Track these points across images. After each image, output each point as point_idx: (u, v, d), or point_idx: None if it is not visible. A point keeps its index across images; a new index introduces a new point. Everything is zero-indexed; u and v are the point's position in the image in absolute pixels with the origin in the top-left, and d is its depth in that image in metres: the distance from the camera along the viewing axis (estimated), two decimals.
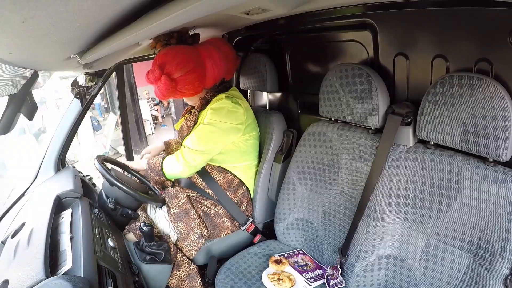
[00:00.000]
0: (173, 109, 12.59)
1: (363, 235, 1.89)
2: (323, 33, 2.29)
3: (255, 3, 1.68)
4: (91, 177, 2.94)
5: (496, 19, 1.42)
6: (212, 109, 2.32)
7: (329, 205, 2.18)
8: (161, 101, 13.96)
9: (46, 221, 1.71)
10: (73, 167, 2.81)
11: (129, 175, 2.54)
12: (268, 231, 2.86)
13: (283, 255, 2.28)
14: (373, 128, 1.95)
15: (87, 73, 2.58)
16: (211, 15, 1.84)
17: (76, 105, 2.66)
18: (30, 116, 2.01)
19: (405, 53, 1.83)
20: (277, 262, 2.18)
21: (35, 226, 1.70)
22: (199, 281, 2.28)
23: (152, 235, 2.05)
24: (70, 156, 3.02)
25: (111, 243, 1.84)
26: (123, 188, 2.11)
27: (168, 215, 2.34)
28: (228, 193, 2.54)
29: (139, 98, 10.79)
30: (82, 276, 1.36)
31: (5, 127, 1.90)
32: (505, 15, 1.37)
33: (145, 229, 1.99)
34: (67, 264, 1.45)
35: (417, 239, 1.76)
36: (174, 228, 2.30)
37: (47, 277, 1.30)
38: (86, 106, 2.70)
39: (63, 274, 1.40)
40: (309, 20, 2.15)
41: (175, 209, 2.33)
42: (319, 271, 2.17)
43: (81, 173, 2.79)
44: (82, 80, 2.63)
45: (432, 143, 1.69)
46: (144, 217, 2.39)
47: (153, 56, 2.26)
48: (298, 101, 2.75)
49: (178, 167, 2.33)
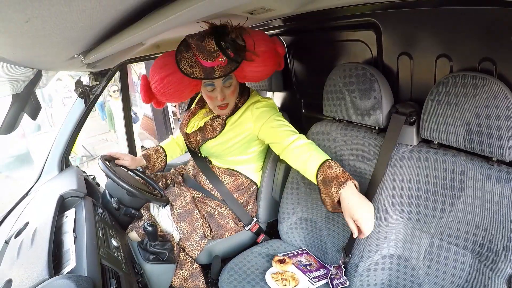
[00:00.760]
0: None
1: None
2: (327, 32, 2.29)
3: (259, 2, 1.67)
4: (94, 176, 2.94)
5: (500, 18, 1.41)
6: (264, 106, 2.27)
7: None
8: None
9: (50, 220, 1.72)
10: (77, 166, 2.81)
11: (133, 174, 2.54)
12: (271, 231, 2.86)
13: (287, 254, 2.28)
14: (376, 128, 1.95)
15: (90, 73, 2.59)
16: (214, 15, 1.84)
17: (80, 104, 2.66)
18: (34, 116, 2.01)
19: (409, 52, 1.82)
20: (281, 261, 2.18)
21: (38, 226, 1.71)
22: (202, 280, 2.28)
23: (156, 234, 2.05)
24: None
25: (114, 242, 1.84)
26: (127, 187, 2.11)
27: (172, 214, 2.33)
28: (235, 195, 2.53)
29: None
30: (86, 275, 1.37)
31: (9, 126, 1.91)
32: (509, 15, 1.37)
33: (148, 228, 1.99)
34: (70, 264, 1.45)
35: (421, 238, 1.76)
36: (177, 228, 2.30)
37: (50, 276, 1.31)
38: (90, 106, 2.70)
39: (66, 273, 1.40)
40: (313, 20, 2.15)
41: (178, 208, 2.33)
42: (322, 271, 2.17)
43: (85, 172, 2.79)
44: (85, 79, 2.63)
45: (436, 142, 1.69)
46: (148, 216, 2.39)
47: (157, 55, 2.24)
48: (302, 100, 2.75)
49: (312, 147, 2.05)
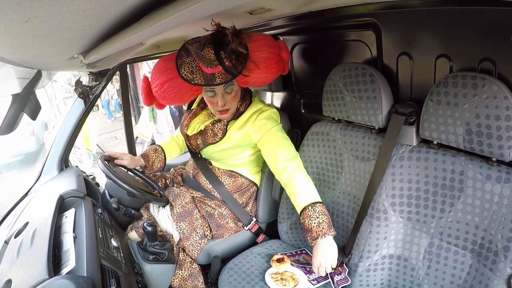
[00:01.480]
0: None
1: (367, 234, 1.89)
2: (326, 32, 2.29)
3: (259, 2, 1.67)
4: (94, 176, 2.94)
5: (499, 18, 1.41)
6: (265, 118, 2.26)
7: (332, 204, 2.18)
8: None
9: (50, 220, 1.72)
10: (77, 167, 2.81)
11: (132, 174, 2.54)
12: (271, 231, 2.86)
13: (285, 254, 2.28)
14: (376, 128, 1.95)
15: (90, 73, 2.58)
16: (213, 15, 1.83)
17: (79, 104, 2.66)
18: (34, 116, 2.01)
19: (408, 52, 1.83)
20: (278, 260, 2.18)
21: (38, 226, 1.71)
22: (201, 281, 2.28)
23: (155, 234, 2.05)
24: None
25: (114, 243, 1.84)
26: (126, 187, 2.11)
27: (171, 214, 2.33)
28: (235, 195, 2.53)
29: None
30: (85, 276, 1.37)
31: (8, 126, 1.91)
32: (509, 15, 1.37)
33: (148, 228, 1.98)
34: (70, 264, 1.45)
35: (421, 238, 1.76)
36: (177, 228, 2.30)
37: (50, 276, 1.30)
38: (89, 106, 2.70)
39: (66, 274, 1.40)
40: (313, 20, 2.15)
41: (178, 208, 2.33)
42: None
43: (84, 172, 2.79)
44: (85, 79, 2.63)
45: (436, 142, 1.69)
46: (147, 216, 2.39)
47: (157, 55, 2.24)
48: (302, 100, 2.75)
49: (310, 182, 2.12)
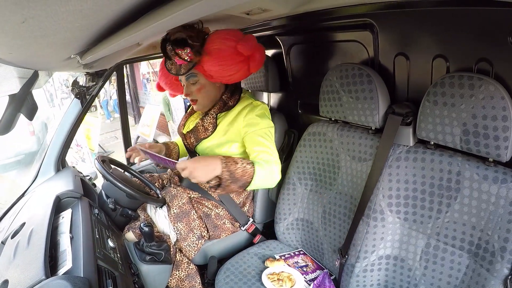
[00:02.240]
0: None
1: (363, 235, 1.89)
2: (323, 33, 2.29)
3: (256, 3, 1.67)
4: (91, 177, 2.94)
5: (496, 19, 1.42)
6: (258, 116, 2.27)
7: (329, 205, 2.19)
8: None
9: (46, 221, 1.71)
10: (73, 167, 2.81)
11: (129, 175, 2.54)
12: (268, 231, 2.85)
13: (284, 255, 2.28)
14: (373, 128, 1.95)
15: (87, 73, 2.58)
16: (210, 15, 1.84)
17: (76, 105, 2.65)
18: (30, 116, 2.01)
19: (405, 53, 1.83)
20: (272, 260, 2.20)
21: (35, 226, 1.70)
22: (198, 281, 2.28)
23: (152, 235, 2.05)
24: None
25: (111, 243, 1.84)
26: (123, 188, 2.11)
27: (168, 215, 2.33)
28: (232, 195, 2.53)
29: None
30: (82, 276, 1.36)
31: (5, 127, 1.90)
32: (506, 15, 1.37)
33: (145, 229, 1.98)
34: (67, 265, 1.44)
35: (417, 239, 1.76)
36: (174, 228, 2.29)
37: (47, 277, 1.30)
38: (86, 106, 2.70)
39: (63, 274, 1.39)
40: (310, 20, 2.15)
41: (175, 209, 2.33)
42: (319, 272, 2.17)
43: (81, 173, 2.79)
44: (82, 80, 2.63)
45: (432, 143, 1.69)
46: (144, 216, 2.39)
47: (153, 56, 2.26)
48: (298, 101, 2.75)
49: (276, 177, 2.17)
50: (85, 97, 2.65)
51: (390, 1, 1.65)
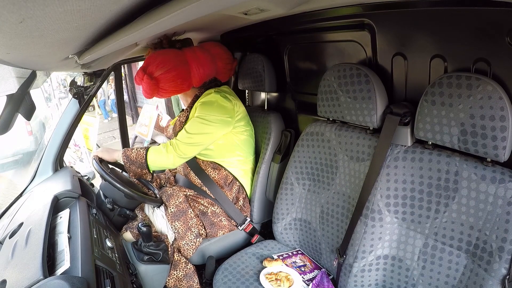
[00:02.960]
0: None
1: (361, 235, 1.89)
2: (321, 33, 2.29)
3: (254, 3, 1.68)
4: (89, 177, 2.94)
5: (494, 19, 1.42)
6: (202, 102, 2.40)
7: (327, 205, 2.18)
8: None
9: (44, 221, 1.71)
10: (71, 167, 2.81)
11: (127, 175, 2.54)
12: (266, 231, 2.86)
13: (282, 255, 2.28)
14: (371, 128, 1.95)
15: (85, 73, 2.58)
16: (208, 16, 1.84)
17: (74, 105, 2.65)
18: (28, 116, 2.01)
19: (403, 53, 1.83)
20: (270, 260, 2.21)
21: (33, 226, 1.70)
22: (196, 281, 2.28)
23: (150, 235, 2.05)
24: None
25: (109, 243, 1.84)
26: (121, 188, 2.11)
27: (166, 214, 2.34)
28: (224, 190, 2.56)
29: None
30: (80, 276, 1.36)
31: (3, 127, 1.90)
32: (503, 15, 1.38)
33: (143, 229, 1.99)
34: (65, 264, 1.44)
35: (415, 239, 1.76)
36: (172, 227, 2.31)
37: (45, 277, 1.30)
38: (84, 106, 2.70)
39: (61, 274, 1.39)
40: (307, 20, 2.15)
41: (172, 208, 2.34)
42: (317, 272, 2.17)
43: (79, 173, 2.79)
44: (80, 80, 2.63)
45: (430, 143, 1.69)
46: (142, 216, 2.40)
47: None
48: (296, 101, 2.75)
49: (168, 157, 2.36)
50: (83, 97, 2.65)
51: (388, 1, 1.66)
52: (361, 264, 1.90)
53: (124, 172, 2.54)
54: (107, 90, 14.80)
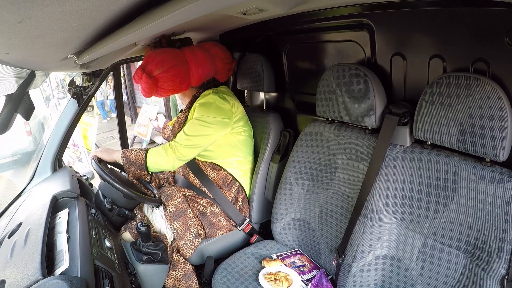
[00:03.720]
0: None
1: (360, 235, 1.89)
2: (320, 33, 2.29)
3: (253, 3, 1.68)
4: (88, 177, 2.94)
5: (493, 19, 1.42)
6: (200, 104, 2.39)
7: (326, 205, 2.18)
8: None
9: (43, 221, 1.71)
10: (70, 167, 2.80)
11: (126, 175, 2.54)
12: (265, 231, 2.86)
13: (281, 255, 2.28)
14: (370, 128, 1.95)
15: (84, 73, 2.58)
16: (207, 16, 1.84)
17: (73, 105, 2.65)
18: (27, 116, 2.01)
19: (402, 53, 1.83)
20: (269, 260, 2.21)
21: (32, 226, 1.70)
22: (195, 281, 2.29)
23: (149, 235, 2.05)
24: None
25: (108, 243, 1.84)
26: (120, 188, 2.11)
27: (165, 214, 2.35)
28: (223, 191, 2.56)
29: None
30: (79, 276, 1.36)
31: (2, 127, 1.90)
32: (502, 15, 1.38)
33: (142, 229, 1.99)
34: (64, 264, 1.44)
35: (414, 239, 1.76)
36: (171, 228, 2.31)
37: (44, 277, 1.30)
38: (83, 106, 2.70)
39: (60, 274, 1.39)
40: (306, 20, 2.15)
41: (171, 208, 2.34)
42: (316, 272, 2.17)
43: (78, 173, 2.79)
44: (79, 80, 2.62)
45: (429, 143, 1.69)
46: (141, 216, 2.40)
47: None
48: (295, 101, 2.75)
49: (167, 160, 2.34)
50: (82, 97, 2.65)
51: (387, 1, 1.66)
52: (360, 264, 1.90)
53: (123, 172, 2.54)
54: (105, 90, 14.78)
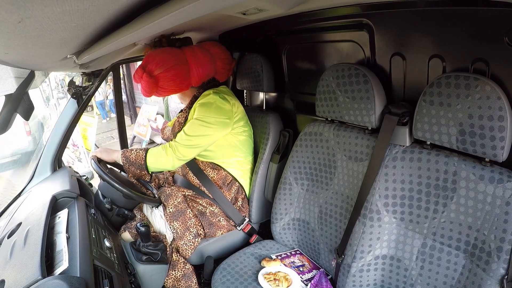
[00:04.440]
0: None
1: (360, 235, 1.89)
2: (319, 33, 2.29)
3: (252, 3, 1.67)
4: (87, 177, 2.94)
5: (492, 19, 1.42)
6: (200, 104, 2.38)
7: (325, 205, 2.18)
8: None
9: (43, 221, 1.71)
10: (70, 167, 2.80)
11: (126, 175, 2.54)
12: (264, 231, 2.86)
13: (280, 255, 2.28)
14: (369, 128, 1.95)
15: (83, 73, 2.58)
16: (207, 15, 1.83)
17: (73, 105, 2.65)
18: (27, 116, 2.00)
19: (401, 53, 1.83)
20: (269, 260, 2.21)
21: (31, 226, 1.70)
22: (195, 281, 2.29)
23: (149, 235, 2.05)
24: None
25: (107, 243, 1.84)
26: (120, 188, 2.11)
27: (164, 214, 2.34)
28: (223, 191, 2.56)
29: None
30: (79, 276, 1.36)
31: (1, 127, 1.90)
32: (502, 15, 1.38)
33: (141, 229, 1.99)
34: (63, 264, 1.44)
35: (414, 239, 1.76)
36: (170, 227, 2.31)
37: (43, 277, 1.30)
38: (83, 106, 2.70)
39: (59, 274, 1.39)
40: (306, 20, 2.15)
41: (171, 208, 2.34)
42: (315, 272, 2.17)
43: (77, 173, 2.78)
44: (78, 80, 2.62)
45: (429, 143, 1.69)
46: (140, 216, 2.40)
47: None
48: (294, 101, 2.75)
49: (167, 160, 2.34)
50: (81, 97, 2.65)
51: (386, 1, 1.66)
52: (359, 264, 1.90)
53: (122, 172, 2.54)
54: (105, 90, 14.78)
